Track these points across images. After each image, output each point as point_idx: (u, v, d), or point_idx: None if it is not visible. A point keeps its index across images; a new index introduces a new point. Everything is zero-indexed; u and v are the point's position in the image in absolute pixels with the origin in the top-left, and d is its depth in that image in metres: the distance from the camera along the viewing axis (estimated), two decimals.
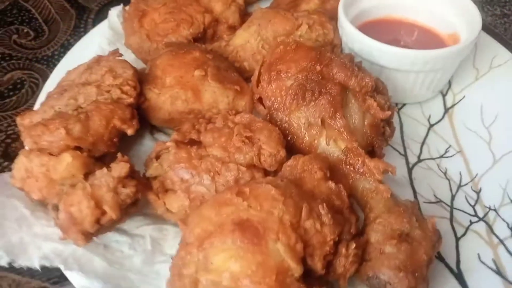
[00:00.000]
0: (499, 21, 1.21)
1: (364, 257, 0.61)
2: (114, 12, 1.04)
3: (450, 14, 0.97)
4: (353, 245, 0.59)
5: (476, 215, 0.76)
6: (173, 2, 0.97)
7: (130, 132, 0.71)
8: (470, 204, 0.78)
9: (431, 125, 0.92)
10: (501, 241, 0.72)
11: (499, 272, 0.69)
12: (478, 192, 0.80)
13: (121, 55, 0.80)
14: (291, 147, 0.76)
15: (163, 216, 0.69)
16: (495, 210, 0.77)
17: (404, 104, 0.95)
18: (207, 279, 0.53)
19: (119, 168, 0.62)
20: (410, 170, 0.84)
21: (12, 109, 0.95)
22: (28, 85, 0.99)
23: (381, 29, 1.00)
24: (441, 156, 0.86)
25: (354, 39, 0.88)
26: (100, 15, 1.16)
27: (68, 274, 0.64)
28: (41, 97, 0.86)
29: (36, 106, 0.82)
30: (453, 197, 0.79)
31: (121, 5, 1.05)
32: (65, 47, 1.08)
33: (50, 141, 0.64)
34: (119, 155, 0.65)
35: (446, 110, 0.94)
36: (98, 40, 1.00)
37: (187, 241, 0.56)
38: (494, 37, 1.06)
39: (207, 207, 0.57)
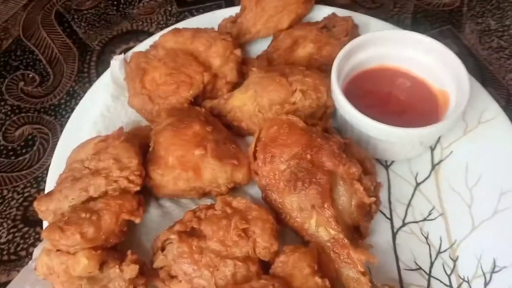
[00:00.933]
0: (494, 55, 1.22)
1: None
2: (116, 64, 1.08)
3: (442, 70, 0.99)
4: None
5: (450, 285, 0.84)
6: (173, 62, 1.01)
7: (137, 221, 0.79)
8: (446, 273, 0.86)
9: (418, 184, 0.97)
10: None
11: None
12: (455, 261, 0.86)
13: (125, 137, 0.85)
14: (285, 225, 0.84)
15: None
16: (467, 281, 0.84)
17: (393, 161, 1.00)
18: None
19: (130, 270, 0.70)
20: (394, 236, 0.91)
21: (26, 168, 1.02)
22: (39, 142, 1.05)
23: (375, 80, 1.03)
24: (424, 219, 0.92)
25: (345, 110, 0.91)
26: (102, 57, 1.19)
27: None
28: (51, 172, 0.92)
29: (48, 185, 0.89)
30: (431, 265, 0.86)
31: (122, 55, 1.08)
32: (71, 95, 1.13)
33: (67, 245, 0.72)
34: (128, 254, 0.73)
35: (433, 166, 0.99)
36: (102, 95, 1.04)
37: None
38: (487, 80, 1.09)
39: None
